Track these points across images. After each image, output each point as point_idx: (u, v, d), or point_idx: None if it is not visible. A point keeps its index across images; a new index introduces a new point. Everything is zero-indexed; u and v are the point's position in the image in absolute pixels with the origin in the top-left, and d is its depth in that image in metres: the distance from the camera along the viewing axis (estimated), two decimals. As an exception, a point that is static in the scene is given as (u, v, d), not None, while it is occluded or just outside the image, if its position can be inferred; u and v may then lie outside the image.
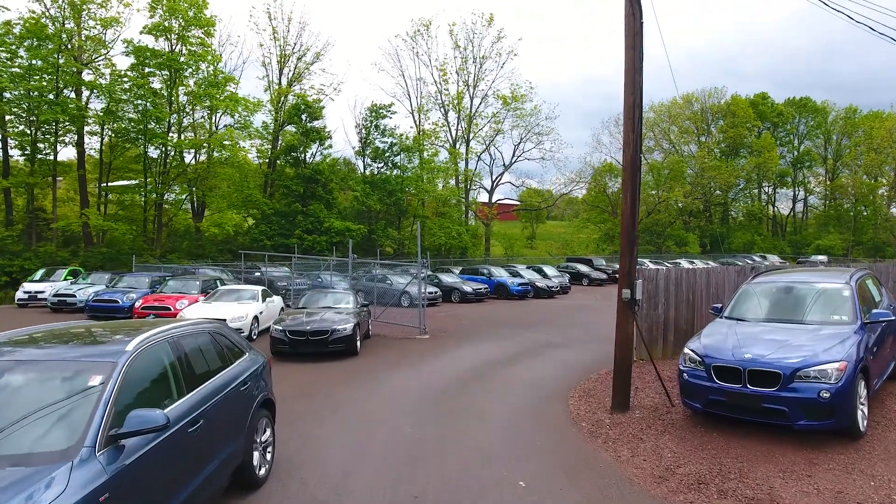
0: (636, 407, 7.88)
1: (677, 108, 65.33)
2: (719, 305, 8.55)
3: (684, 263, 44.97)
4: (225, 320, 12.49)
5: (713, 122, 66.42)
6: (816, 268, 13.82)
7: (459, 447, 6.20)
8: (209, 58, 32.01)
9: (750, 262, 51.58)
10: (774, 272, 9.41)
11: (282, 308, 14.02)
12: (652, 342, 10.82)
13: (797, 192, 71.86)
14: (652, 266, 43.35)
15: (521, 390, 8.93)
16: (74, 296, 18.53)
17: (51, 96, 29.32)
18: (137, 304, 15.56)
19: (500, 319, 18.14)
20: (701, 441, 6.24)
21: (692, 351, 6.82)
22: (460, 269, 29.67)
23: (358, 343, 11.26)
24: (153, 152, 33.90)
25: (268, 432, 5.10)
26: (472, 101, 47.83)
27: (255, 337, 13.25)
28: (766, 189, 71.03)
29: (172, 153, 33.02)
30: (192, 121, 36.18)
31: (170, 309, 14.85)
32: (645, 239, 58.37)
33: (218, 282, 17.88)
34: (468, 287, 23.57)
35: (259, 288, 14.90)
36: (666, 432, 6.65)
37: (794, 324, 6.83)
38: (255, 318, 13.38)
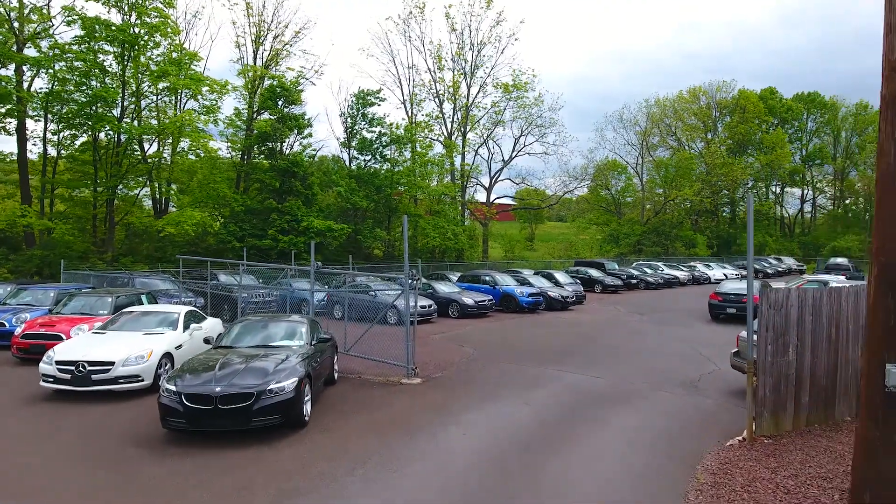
0: None
1: (684, 103, 61.67)
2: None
3: (700, 267, 41.13)
4: (112, 363, 8.33)
5: (720, 118, 62.79)
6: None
7: None
8: (168, 30, 27.62)
9: (766, 264, 47.88)
10: None
11: (206, 339, 9.67)
12: (778, 407, 6.74)
13: (805, 192, 68.46)
14: (716, 272, 38.92)
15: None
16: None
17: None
18: (18, 332, 11.26)
19: (514, 346, 13.98)
20: None
21: None
22: (458, 275, 25.49)
23: (306, 408, 7.07)
24: (108, 141, 29.46)
25: None
26: (469, 90, 43.75)
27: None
28: (774, 188, 67.63)
29: (124, 141, 28.54)
30: (154, 105, 31.83)
31: (62, 338, 10.60)
32: (652, 240, 54.64)
33: (145, 297, 13.61)
34: (469, 299, 19.42)
35: (182, 310, 10.64)
36: None
37: None
38: (167, 356, 9.12)
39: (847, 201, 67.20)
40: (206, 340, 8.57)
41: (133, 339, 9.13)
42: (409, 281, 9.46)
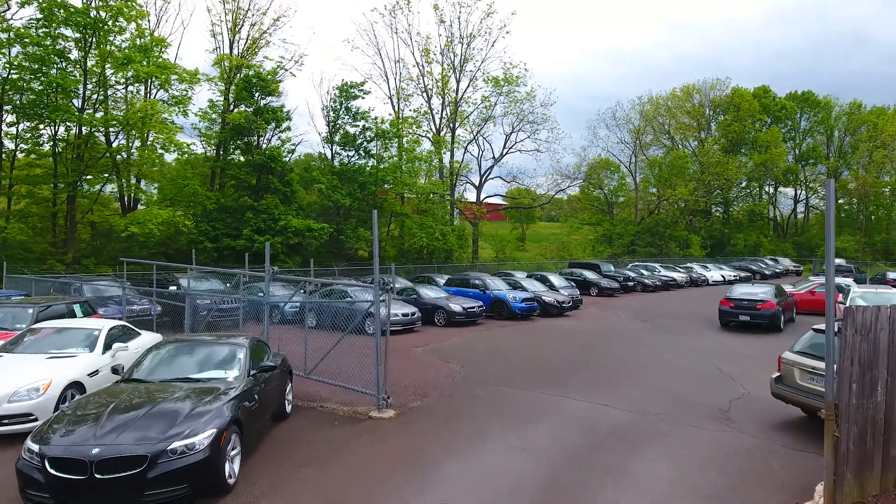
0: None
1: (677, 101, 60.43)
2: None
3: (697, 268, 39.68)
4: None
5: (713, 117, 61.62)
6: None
7: None
8: (132, 13, 25.53)
9: (763, 265, 46.62)
10: None
11: (115, 369, 7.53)
12: (864, 464, 5.05)
13: (799, 192, 67.52)
14: (713, 273, 36.85)
15: None
16: None
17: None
18: None
19: (507, 361, 12.23)
20: None
21: None
22: (446, 278, 23.72)
23: (230, 467, 5.23)
24: (70, 133, 27.29)
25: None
26: (458, 85, 42.00)
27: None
28: (767, 188, 66.63)
29: (85, 134, 26.39)
30: (122, 96, 29.66)
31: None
32: (646, 240, 53.26)
33: (78, 308, 11.68)
34: (457, 305, 17.63)
35: (105, 325, 8.75)
36: None
37: None
38: (75, 386, 7.23)
39: (840, 201, 66.41)
40: (115, 370, 6.69)
41: (31, 366, 7.24)
42: (381, 292, 7.67)
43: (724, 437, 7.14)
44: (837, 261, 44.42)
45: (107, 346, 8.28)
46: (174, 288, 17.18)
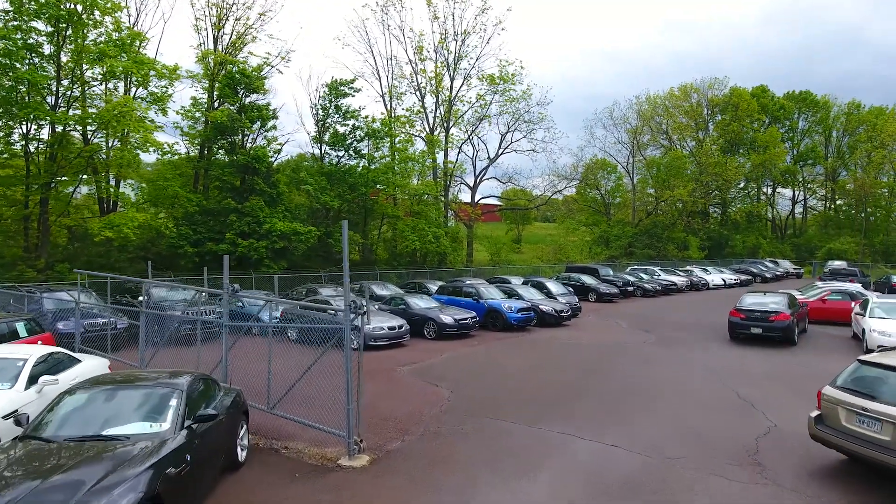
0: None
1: (675, 101, 59.50)
2: None
3: (697, 271, 38.59)
4: None
5: (711, 117, 60.72)
6: None
7: None
8: (107, 5, 24.18)
9: (763, 267, 45.62)
10: None
11: (18, 420, 6.00)
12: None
13: (796, 193, 66.74)
14: (713, 276, 35.35)
15: None
16: None
17: None
18: None
19: (502, 384, 11.06)
20: None
21: None
22: (437, 285, 22.55)
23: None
24: (43, 132, 25.90)
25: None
26: (452, 83, 40.80)
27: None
28: (765, 189, 65.83)
29: (59, 132, 25.03)
30: (101, 94, 28.29)
31: None
32: (644, 242, 52.29)
33: (22, 325, 10.43)
34: (448, 316, 16.44)
35: (33, 353, 7.50)
36: None
37: None
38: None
39: (839, 202, 65.73)
40: (18, 421, 5.42)
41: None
42: (353, 316, 6.48)
43: (759, 494, 5.99)
44: (839, 263, 43.51)
45: (32, 381, 7.05)
46: (143, 298, 15.91)
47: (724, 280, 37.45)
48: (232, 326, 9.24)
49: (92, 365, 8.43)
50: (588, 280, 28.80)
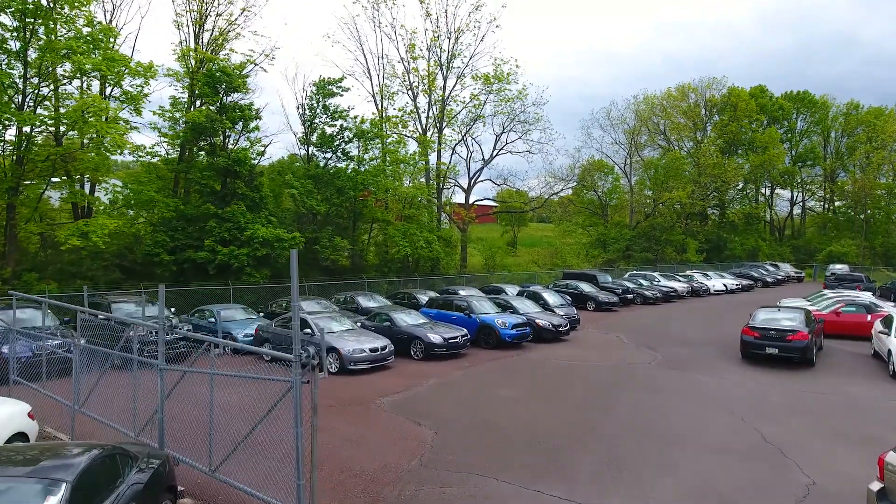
0: None
1: (673, 101, 58.35)
2: None
3: (697, 276, 37.36)
4: None
5: (709, 118, 59.63)
6: None
7: None
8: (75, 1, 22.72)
9: (764, 271, 44.46)
10: None
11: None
12: None
13: (795, 195, 65.77)
14: (714, 282, 33.39)
15: None
16: None
17: None
18: None
19: (492, 425, 9.70)
20: None
21: None
22: (428, 295, 21.24)
23: None
24: (8, 133, 24.41)
25: None
26: (445, 82, 39.49)
27: None
28: (764, 190, 64.81)
29: (26, 133, 23.56)
30: (74, 92, 26.81)
31: None
32: (641, 245, 51.11)
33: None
34: (436, 335, 15.12)
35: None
36: None
37: None
38: None
39: (838, 204, 64.80)
40: None
41: None
42: (301, 370, 5.17)
43: None
44: (841, 267, 42.25)
45: None
46: (105, 317, 14.48)
47: (725, 285, 36.30)
48: (180, 354, 7.99)
49: (11, 412, 7.05)
50: (586, 288, 27.56)
